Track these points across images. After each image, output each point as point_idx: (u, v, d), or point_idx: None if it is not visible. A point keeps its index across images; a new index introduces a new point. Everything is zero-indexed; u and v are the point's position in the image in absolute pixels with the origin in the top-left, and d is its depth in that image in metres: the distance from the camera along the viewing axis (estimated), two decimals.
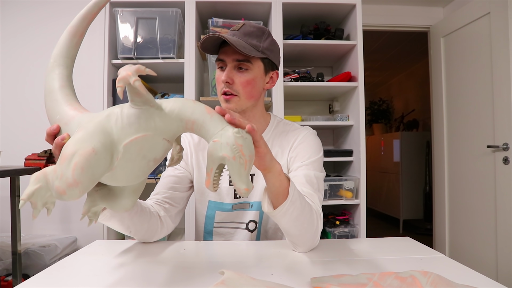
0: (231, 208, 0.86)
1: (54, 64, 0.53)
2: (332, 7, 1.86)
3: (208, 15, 1.86)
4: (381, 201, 4.07)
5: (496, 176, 1.77)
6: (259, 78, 0.80)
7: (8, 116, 1.96)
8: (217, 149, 0.46)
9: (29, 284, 0.54)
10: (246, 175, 0.47)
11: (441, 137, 2.28)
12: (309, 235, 0.68)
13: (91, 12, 0.55)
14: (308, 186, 0.76)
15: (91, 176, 0.41)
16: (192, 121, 0.47)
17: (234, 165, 0.46)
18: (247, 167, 0.47)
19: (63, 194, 0.41)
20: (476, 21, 1.93)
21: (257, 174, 0.86)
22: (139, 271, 0.60)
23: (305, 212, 0.65)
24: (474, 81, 1.96)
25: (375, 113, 4.92)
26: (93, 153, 0.41)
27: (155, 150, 0.48)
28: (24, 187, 1.44)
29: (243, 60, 0.77)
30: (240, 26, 0.78)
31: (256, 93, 0.81)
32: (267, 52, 0.79)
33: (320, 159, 0.84)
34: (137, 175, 0.49)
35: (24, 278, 1.45)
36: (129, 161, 0.46)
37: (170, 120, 0.47)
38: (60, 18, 1.98)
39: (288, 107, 2.05)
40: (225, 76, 0.77)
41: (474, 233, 1.95)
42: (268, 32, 0.81)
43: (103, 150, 0.42)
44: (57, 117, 0.50)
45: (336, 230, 1.84)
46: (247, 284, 0.48)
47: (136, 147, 0.45)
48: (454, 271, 0.59)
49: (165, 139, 0.48)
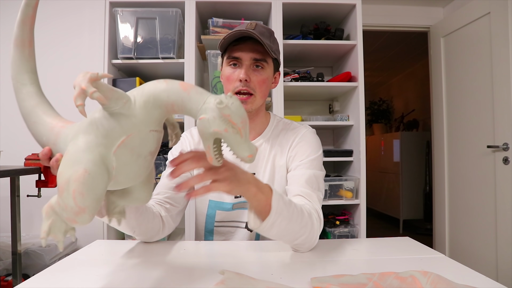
0: (231, 208, 0.86)
1: (17, 84, 0.51)
2: (332, 7, 1.86)
3: (208, 15, 1.86)
4: (381, 201, 4.07)
5: (496, 176, 1.77)
6: (270, 78, 0.82)
7: (8, 116, 1.96)
8: (206, 127, 0.44)
9: (29, 284, 0.54)
10: (244, 141, 0.45)
11: (441, 137, 2.28)
12: (304, 238, 0.66)
13: (27, 15, 0.50)
14: (306, 186, 0.76)
15: (94, 197, 0.40)
16: (171, 104, 0.45)
17: (228, 137, 0.44)
18: (243, 133, 0.44)
19: (74, 223, 0.40)
20: (476, 21, 1.93)
21: (257, 172, 0.86)
22: (139, 271, 0.60)
23: (294, 219, 0.62)
24: (474, 81, 1.96)
25: (375, 113, 4.92)
26: (86, 174, 0.40)
27: (146, 145, 0.46)
28: (24, 187, 1.44)
29: (260, 59, 0.77)
30: (254, 25, 0.77)
31: (267, 93, 0.83)
32: (277, 53, 0.81)
33: (319, 158, 0.84)
34: (139, 173, 0.48)
35: (24, 278, 1.45)
36: (126, 164, 0.44)
37: (149, 111, 0.44)
38: (60, 18, 1.98)
39: (288, 107, 2.05)
40: (244, 74, 0.76)
41: (474, 233, 1.95)
42: (274, 33, 0.83)
43: (96, 167, 0.41)
44: (43, 139, 0.48)
45: (336, 230, 1.84)
46: (247, 284, 0.48)
47: (126, 149, 0.44)
48: (454, 271, 0.59)
49: (152, 130, 0.45)
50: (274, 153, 0.85)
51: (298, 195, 0.75)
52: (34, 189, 1.43)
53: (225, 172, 0.53)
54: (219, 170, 0.52)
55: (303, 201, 0.73)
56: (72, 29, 1.99)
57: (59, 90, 1.98)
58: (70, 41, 1.98)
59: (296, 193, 0.76)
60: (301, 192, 0.75)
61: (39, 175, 1.41)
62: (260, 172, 0.85)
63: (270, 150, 0.86)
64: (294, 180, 0.78)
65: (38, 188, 1.43)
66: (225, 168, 0.53)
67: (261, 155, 0.85)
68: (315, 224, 0.68)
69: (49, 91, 2.28)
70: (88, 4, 1.99)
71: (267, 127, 0.89)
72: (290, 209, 0.62)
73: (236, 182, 0.54)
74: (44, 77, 2.30)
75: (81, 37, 1.99)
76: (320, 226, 0.70)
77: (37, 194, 1.45)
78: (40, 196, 1.46)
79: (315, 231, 0.68)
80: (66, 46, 1.98)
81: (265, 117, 0.90)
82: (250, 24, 0.77)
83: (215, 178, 0.52)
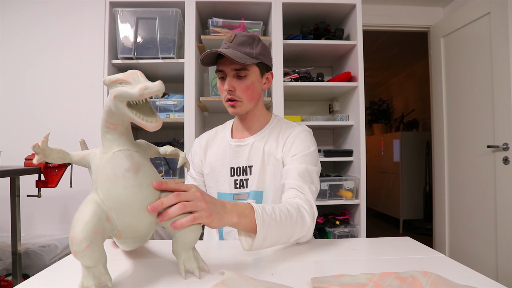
0: (232, 198, 0.92)
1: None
2: (332, 7, 1.86)
3: (208, 15, 1.86)
4: (381, 201, 4.07)
5: (496, 176, 1.77)
6: (257, 82, 0.89)
7: (8, 116, 1.96)
8: (113, 104, 0.47)
9: (29, 284, 0.54)
10: (136, 83, 0.46)
11: (441, 137, 2.28)
12: (298, 233, 0.70)
13: None
14: (299, 179, 0.81)
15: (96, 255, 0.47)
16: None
17: (123, 89, 0.46)
18: (130, 79, 0.46)
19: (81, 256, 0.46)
20: (476, 21, 1.93)
21: (254, 165, 0.91)
22: (139, 271, 0.60)
23: (283, 224, 0.65)
24: (474, 81, 1.96)
25: (375, 113, 4.92)
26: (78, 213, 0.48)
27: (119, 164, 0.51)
28: (24, 187, 1.44)
29: (240, 69, 0.84)
30: (232, 37, 0.85)
31: (256, 96, 0.90)
32: (260, 56, 0.86)
33: (313, 153, 0.87)
34: (133, 193, 0.51)
35: (24, 278, 1.45)
36: (110, 185, 0.50)
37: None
38: (60, 18, 1.98)
39: (288, 107, 2.05)
40: (227, 85, 0.85)
41: (474, 233, 1.95)
42: (258, 38, 0.89)
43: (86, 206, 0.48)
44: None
45: (336, 230, 1.84)
46: (247, 284, 0.48)
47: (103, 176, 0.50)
48: (454, 271, 0.59)
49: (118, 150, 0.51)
50: (269, 147, 0.91)
51: (292, 188, 0.80)
52: (34, 189, 1.43)
53: (204, 204, 0.54)
54: (198, 203, 0.54)
55: (295, 193, 0.78)
56: (72, 29, 1.98)
57: (59, 90, 1.99)
58: (70, 41, 1.98)
59: (290, 186, 0.81)
60: (294, 185, 0.80)
61: (39, 175, 1.41)
62: (257, 164, 0.91)
63: (265, 145, 0.92)
64: (288, 174, 0.83)
65: (38, 188, 1.44)
66: (204, 201, 0.55)
67: (256, 150, 0.92)
68: (305, 217, 0.71)
69: (49, 91, 2.28)
70: (88, 4, 1.99)
71: (266, 124, 0.95)
72: (276, 217, 0.64)
73: (216, 214, 0.56)
74: (44, 77, 2.30)
75: (81, 37, 1.99)
76: (313, 217, 0.74)
77: (37, 194, 1.45)
78: (40, 196, 1.46)
79: (307, 223, 0.71)
80: (66, 46, 1.98)
81: (264, 117, 0.96)
82: (230, 37, 0.86)
83: (195, 210, 0.53)
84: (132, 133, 0.54)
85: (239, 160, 0.93)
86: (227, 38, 0.86)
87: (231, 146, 0.95)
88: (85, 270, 0.47)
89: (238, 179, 0.92)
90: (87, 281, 0.46)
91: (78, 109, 1.97)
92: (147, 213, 0.51)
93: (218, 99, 1.72)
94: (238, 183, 0.92)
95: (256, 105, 0.92)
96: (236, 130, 0.98)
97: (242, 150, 0.93)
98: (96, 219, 0.46)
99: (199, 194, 0.55)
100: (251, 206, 0.63)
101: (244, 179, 0.91)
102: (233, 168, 0.93)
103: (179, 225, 0.52)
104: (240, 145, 0.94)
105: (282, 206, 0.69)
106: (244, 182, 0.91)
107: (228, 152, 0.95)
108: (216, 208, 0.56)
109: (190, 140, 1.70)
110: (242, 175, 0.92)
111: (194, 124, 1.70)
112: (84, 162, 0.54)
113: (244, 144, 0.93)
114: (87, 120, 1.96)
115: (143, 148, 0.57)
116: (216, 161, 0.95)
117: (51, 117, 1.96)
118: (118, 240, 0.58)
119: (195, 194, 0.54)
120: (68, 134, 1.93)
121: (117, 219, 0.50)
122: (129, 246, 0.61)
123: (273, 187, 0.89)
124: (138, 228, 0.52)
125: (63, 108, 1.97)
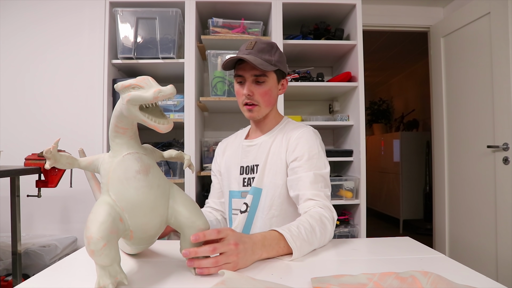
0: (240, 195, 0.97)
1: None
2: (332, 7, 1.86)
3: (208, 15, 1.86)
4: (381, 201, 4.07)
5: (496, 176, 1.77)
6: (274, 88, 0.93)
7: (8, 116, 1.95)
8: (125, 108, 0.48)
9: (29, 284, 0.54)
10: (149, 87, 0.47)
11: (441, 137, 2.28)
12: (324, 241, 0.74)
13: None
14: (311, 188, 0.83)
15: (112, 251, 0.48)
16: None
17: (137, 93, 0.47)
18: (143, 84, 0.47)
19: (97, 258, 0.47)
20: (476, 21, 1.93)
21: (260, 164, 0.93)
22: (139, 271, 0.60)
23: (311, 240, 0.69)
24: (474, 81, 1.96)
25: (375, 113, 4.92)
26: (91, 214, 0.49)
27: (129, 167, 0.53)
28: (24, 187, 1.44)
29: (260, 75, 0.88)
30: (253, 44, 0.88)
31: (273, 101, 0.94)
32: (278, 64, 0.90)
33: (319, 155, 0.88)
34: (144, 192, 0.53)
35: (24, 278, 1.45)
36: (123, 188, 0.52)
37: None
38: (60, 18, 1.98)
39: (288, 107, 2.06)
40: (246, 90, 0.89)
41: (474, 233, 1.95)
42: (276, 45, 0.92)
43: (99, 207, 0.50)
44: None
45: (336, 230, 1.83)
46: (247, 284, 0.48)
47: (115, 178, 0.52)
48: (454, 271, 0.59)
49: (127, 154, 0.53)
50: (275, 147, 0.94)
51: (308, 199, 0.82)
52: (34, 189, 1.43)
53: (235, 257, 0.57)
54: (230, 257, 0.56)
55: (314, 203, 0.81)
56: (72, 29, 1.98)
57: (59, 90, 1.98)
58: (70, 41, 1.98)
59: (306, 197, 0.82)
60: (310, 195, 0.82)
61: (39, 175, 1.41)
62: (261, 163, 0.94)
63: (272, 145, 0.95)
64: (299, 185, 0.84)
65: (38, 188, 1.44)
66: (236, 254, 0.57)
67: (263, 149, 0.95)
68: (327, 225, 0.75)
69: (49, 91, 2.28)
70: (88, 4, 1.98)
71: (276, 125, 0.99)
72: (304, 236, 0.67)
73: (243, 263, 0.59)
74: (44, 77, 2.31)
75: (81, 37, 1.99)
76: (333, 221, 0.78)
77: (37, 194, 1.45)
78: (40, 196, 1.46)
79: (328, 231, 0.75)
80: (66, 45, 1.98)
81: (276, 119, 1.00)
82: (250, 43, 0.88)
83: (226, 263, 0.56)
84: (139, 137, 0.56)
85: (248, 159, 0.97)
86: (248, 44, 0.89)
87: (243, 146, 1.00)
88: (101, 270, 0.48)
89: (246, 177, 0.96)
90: (103, 280, 0.47)
91: (78, 109, 1.96)
92: (158, 213, 0.54)
93: (218, 99, 1.72)
94: (246, 181, 0.96)
95: (272, 110, 0.97)
96: (251, 132, 1.04)
97: (251, 150, 0.97)
98: (110, 219, 0.48)
99: (233, 246, 0.57)
100: (279, 234, 0.66)
101: (251, 178, 0.95)
102: (243, 167, 0.97)
103: (206, 273, 0.55)
104: (250, 145, 0.98)
105: (305, 222, 0.71)
106: (251, 180, 0.95)
107: (240, 152, 1.00)
108: (246, 256, 0.59)
109: (190, 140, 1.70)
110: (250, 174, 0.96)
111: (194, 124, 1.70)
112: (92, 167, 0.55)
113: (254, 144, 0.98)
114: (87, 120, 1.96)
115: (150, 151, 0.59)
116: (231, 162, 1.01)
117: (51, 117, 1.96)
118: (127, 242, 0.59)
119: (230, 247, 0.57)
120: (68, 134, 1.93)
121: (130, 219, 0.52)
122: (136, 248, 0.63)
123: (273, 185, 0.91)
124: (149, 227, 0.54)
125: (63, 108, 1.97)
